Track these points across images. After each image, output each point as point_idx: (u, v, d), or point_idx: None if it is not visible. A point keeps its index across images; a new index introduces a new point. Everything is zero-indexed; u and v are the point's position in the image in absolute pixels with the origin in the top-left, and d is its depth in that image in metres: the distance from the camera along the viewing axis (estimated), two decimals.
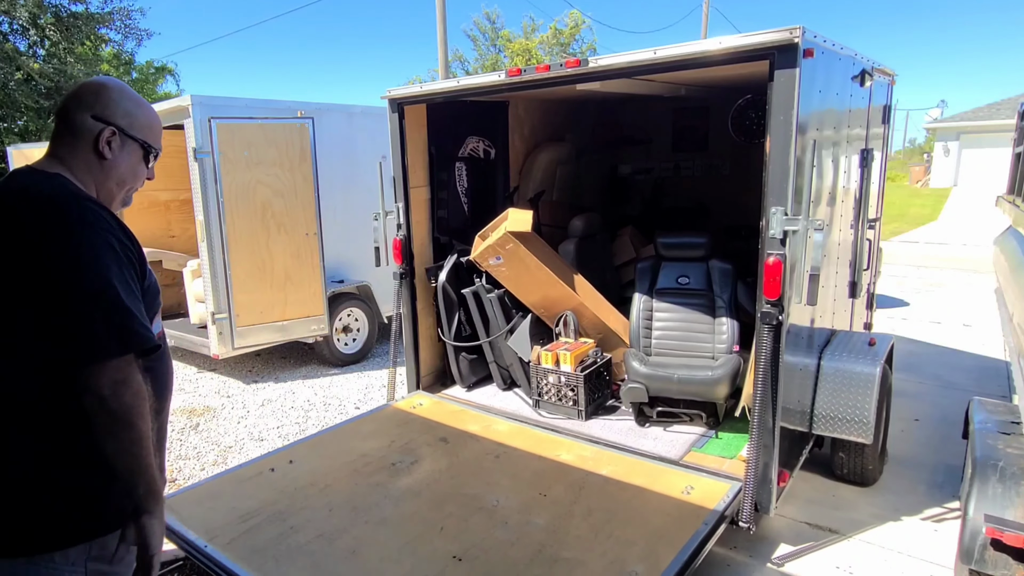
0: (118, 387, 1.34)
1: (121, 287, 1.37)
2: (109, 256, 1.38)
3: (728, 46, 2.78)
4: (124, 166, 1.58)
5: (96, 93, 1.54)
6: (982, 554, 2.22)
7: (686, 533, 2.72)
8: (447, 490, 3.15)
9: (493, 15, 30.03)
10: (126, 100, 1.57)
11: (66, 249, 1.35)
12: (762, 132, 2.99)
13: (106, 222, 1.43)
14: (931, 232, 15.36)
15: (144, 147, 1.61)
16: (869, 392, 3.22)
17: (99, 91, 1.54)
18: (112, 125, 1.53)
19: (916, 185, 29.10)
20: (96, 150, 1.53)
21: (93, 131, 1.51)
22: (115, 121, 1.53)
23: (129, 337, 1.36)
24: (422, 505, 3.02)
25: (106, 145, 1.52)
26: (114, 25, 13.53)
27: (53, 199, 1.40)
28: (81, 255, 1.35)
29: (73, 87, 1.59)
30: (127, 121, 1.56)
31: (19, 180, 1.47)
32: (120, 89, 1.58)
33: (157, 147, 1.64)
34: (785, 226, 2.74)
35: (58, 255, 1.34)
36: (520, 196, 5.39)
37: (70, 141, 1.52)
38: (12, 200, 1.41)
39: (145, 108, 1.61)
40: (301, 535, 2.76)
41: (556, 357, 4.02)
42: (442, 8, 14.06)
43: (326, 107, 6.14)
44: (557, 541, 2.70)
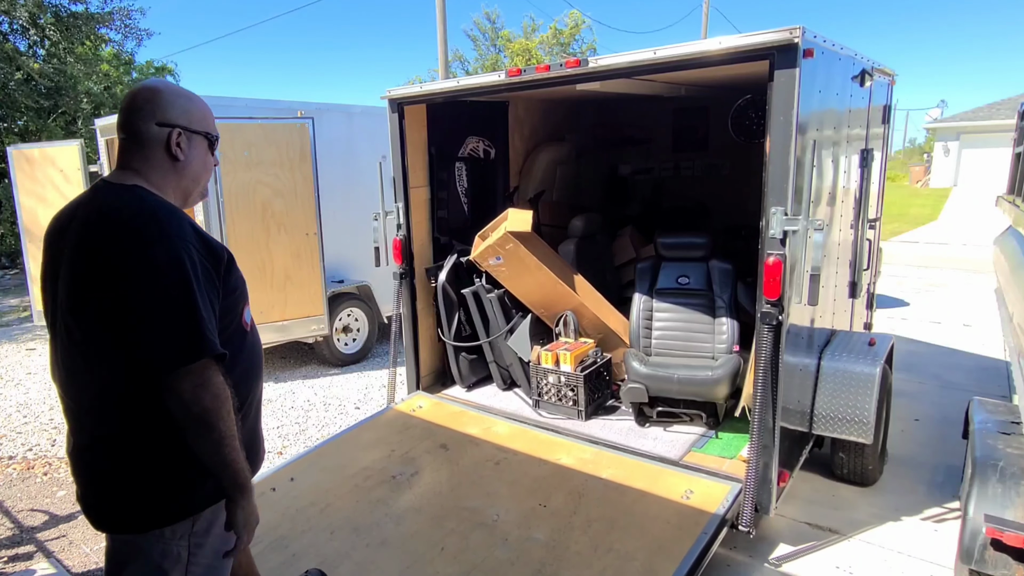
0: (197, 391, 1.43)
1: (197, 297, 1.46)
2: (184, 268, 1.45)
3: (728, 46, 2.78)
4: (196, 161, 1.67)
5: (151, 100, 1.59)
6: (982, 554, 2.22)
7: (686, 543, 2.72)
8: (448, 504, 3.14)
9: (493, 15, 30.04)
10: (179, 98, 1.63)
11: (144, 264, 1.43)
12: (762, 132, 2.99)
13: (181, 233, 1.49)
14: (931, 232, 15.35)
15: (207, 138, 1.69)
16: (869, 392, 3.22)
17: (153, 97, 1.60)
18: (176, 127, 1.60)
19: (916, 185, 29.10)
20: (169, 153, 1.60)
21: (161, 137, 1.59)
22: (177, 122, 1.60)
23: (204, 344, 1.44)
24: (423, 523, 3.01)
25: (177, 147, 1.61)
26: (114, 25, 13.52)
27: (132, 216, 1.48)
28: (158, 269, 1.43)
29: (126, 99, 1.62)
30: (187, 118, 1.62)
31: (99, 198, 1.55)
32: (171, 90, 1.64)
33: (216, 133, 1.72)
34: (785, 226, 2.74)
35: (136, 270, 1.43)
36: (520, 196, 5.39)
37: (140, 152, 1.59)
38: (94, 218, 1.50)
39: (196, 100, 1.67)
40: (303, 563, 2.73)
41: (556, 357, 4.02)
42: (442, 8, 14.05)
43: (326, 107, 6.14)
44: (557, 558, 2.70)
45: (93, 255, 1.46)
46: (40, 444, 4.66)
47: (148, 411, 1.49)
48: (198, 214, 5.37)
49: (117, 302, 1.43)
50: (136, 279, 1.42)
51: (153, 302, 1.43)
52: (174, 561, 1.59)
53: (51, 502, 3.82)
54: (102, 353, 1.48)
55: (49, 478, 4.14)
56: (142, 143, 1.58)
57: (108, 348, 1.47)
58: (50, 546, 3.35)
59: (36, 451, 4.55)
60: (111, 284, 1.43)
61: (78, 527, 3.53)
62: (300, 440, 4.61)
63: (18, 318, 8.64)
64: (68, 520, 3.61)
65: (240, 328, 1.67)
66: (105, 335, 1.46)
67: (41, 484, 4.06)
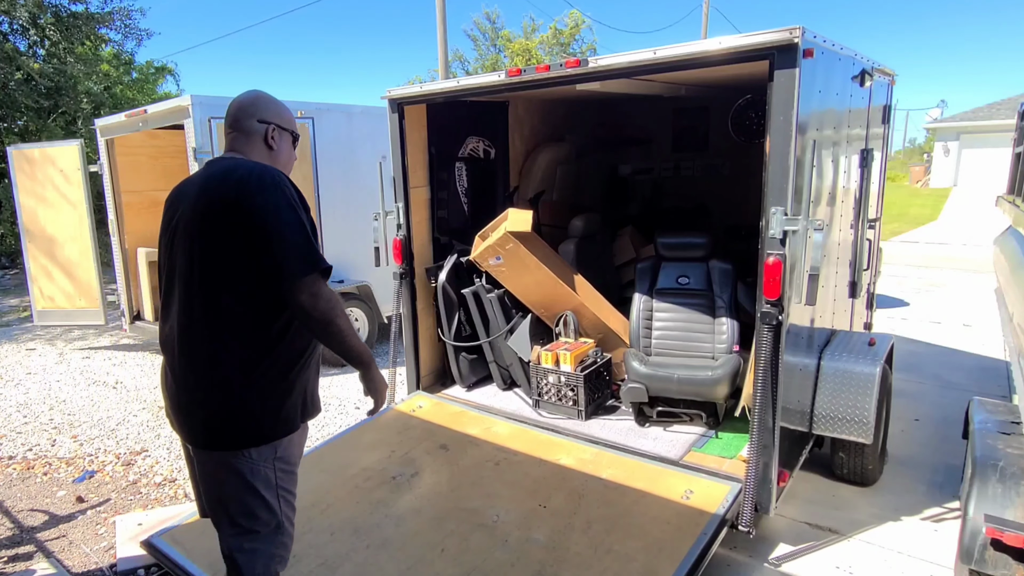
0: (314, 299, 1.84)
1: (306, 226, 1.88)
2: (295, 205, 1.88)
3: (728, 46, 2.78)
4: (285, 151, 2.15)
5: (253, 103, 2.09)
6: (982, 554, 2.22)
7: (686, 543, 2.72)
8: (448, 505, 3.14)
9: (493, 15, 30.04)
10: (273, 104, 2.12)
11: (266, 202, 1.84)
12: (762, 132, 2.99)
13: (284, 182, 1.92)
14: (931, 232, 15.35)
15: (292, 134, 2.17)
16: (869, 392, 3.22)
17: (255, 100, 2.09)
18: (271, 123, 2.08)
19: (916, 185, 29.09)
20: (266, 143, 2.08)
21: (260, 131, 2.07)
22: (272, 120, 2.09)
23: (315, 261, 1.86)
24: (423, 524, 3.01)
25: (271, 139, 2.09)
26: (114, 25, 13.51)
27: (250, 171, 1.90)
28: (279, 206, 1.84)
29: (234, 103, 2.08)
30: (279, 119, 2.11)
31: (217, 164, 1.99)
32: (267, 97, 2.13)
33: (297, 132, 2.20)
34: (785, 226, 2.73)
35: (262, 207, 1.83)
36: (520, 196, 5.39)
37: (246, 141, 2.06)
38: (221, 175, 1.91)
39: (283, 106, 2.16)
40: (303, 564, 2.74)
41: (556, 357, 4.02)
42: (442, 8, 14.05)
43: (326, 107, 6.14)
44: (556, 560, 2.70)
45: (224, 200, 1.85)
46: (40, 444, 4.66)
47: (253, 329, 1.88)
48: None
49: (248, 234, 1.82)
50: (262, 214, 1.82)
51: (276, 230, 1.82)
52: (264, 482, 1.95)
53: (51, 502, 3.82)
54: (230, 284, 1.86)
55: (49, 478, 4.14)
56: (247, 134, 2.06)
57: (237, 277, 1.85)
58: (50, 546, 3.35)
59: (36, 451, 4.55)
60: (243, 220, 1.82)
61: (78, 527, 3.53)
62: None
63: (18, 318, 8.64)
64: (68, 520, 3.61)
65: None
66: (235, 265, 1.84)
67: (41, 484, 4.06)
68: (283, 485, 2.02)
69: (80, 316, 6.96)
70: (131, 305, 6.87)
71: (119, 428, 4.91)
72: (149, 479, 4.09)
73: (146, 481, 4.07)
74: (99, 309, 6.83)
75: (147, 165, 7.02)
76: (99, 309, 6.83)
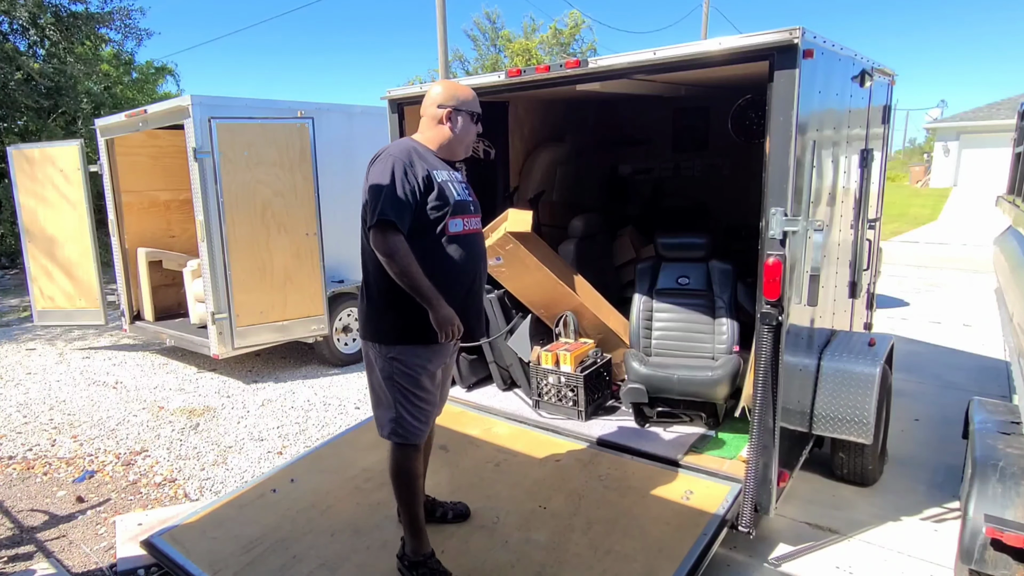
0: (377, 242, 2.39)
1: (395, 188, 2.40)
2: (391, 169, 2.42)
3: (728, 47, 2.78)
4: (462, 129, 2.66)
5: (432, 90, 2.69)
6: (982, 554, 2.22)
7: (686, 544, 2.72)
8: None
9: (493, 15, 30.04)
10: (452, 88, 2.68)
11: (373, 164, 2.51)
12: (762, 132, 2.98)
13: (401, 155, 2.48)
14: (931, 232, 15.36)
15: (471, 114, 2.67)
16: (869, 392, 3.22)
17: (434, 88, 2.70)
18: (447, 107, 2.62)
19: (916, 185, 29.09)
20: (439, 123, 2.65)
21: (439, 114, 2.64)
22: (448, 103, 2.63)
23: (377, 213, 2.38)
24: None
25: (447, 120, 2.63)
26: (114, 25, 13.49)
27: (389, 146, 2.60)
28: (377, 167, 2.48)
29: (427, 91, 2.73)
30: (455, 102, 2.62)
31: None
32: (448, 83, 2.73)
33: (478, 111, 2.70)
34: (785, 227, 2.73)
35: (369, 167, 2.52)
36: (520, 196, 5.39)
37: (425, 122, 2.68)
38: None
39: (463, 89, 2.67)
40: (304, 565, 2.74)
41: (556, 357, 4.02)
42: (442, 8, 14.05)
43: (326, 107, 6.14)
44: (556, 560, 2.70)
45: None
46: (40, 444, 4.66)
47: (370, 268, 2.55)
48: (198, 214, 5.38)
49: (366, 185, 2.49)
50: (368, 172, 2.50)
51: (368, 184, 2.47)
52: (384, 370, 2.57)
53: (51, 502, 3.82)
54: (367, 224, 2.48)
55: (49, 478, 4.14)
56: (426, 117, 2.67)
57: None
58: (50, 546, 3.35)
59: (36, 451, 4.55)
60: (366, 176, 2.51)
61: (78, 527, 3.53)
62: (300, 440, 4.61)
63: (18, 318, 8.64)
64: (68, 520, 3.61)
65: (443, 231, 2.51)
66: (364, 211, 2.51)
67: (41, 484, 4.06)
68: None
69: (80, 316, 6.95)
70: (131, 305, 6.87)
71: (119, 428, 4.91)
72: (149, 479, 4.09)
73: (146, 481, 4.07)
74: (99, 309, 6.83)
75: (147, 165, 7.03)
76: (99, 309, 6.83)
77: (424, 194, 2.46)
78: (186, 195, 6.16)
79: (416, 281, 2.39)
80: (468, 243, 2.60)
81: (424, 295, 2.41)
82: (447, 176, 2.58)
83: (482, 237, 2.74)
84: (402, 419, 2.59)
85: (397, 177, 2.41)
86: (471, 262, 2.61)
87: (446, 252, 2.52)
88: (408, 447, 2.63)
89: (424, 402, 2.61)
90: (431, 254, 2.48)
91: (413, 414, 2.59)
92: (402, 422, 2.59)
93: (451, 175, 2.63)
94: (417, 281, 2.39)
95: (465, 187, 2.69)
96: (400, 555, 2.69)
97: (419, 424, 2.61)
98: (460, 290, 2.56)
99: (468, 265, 2.59)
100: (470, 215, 2.63)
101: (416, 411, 2.59)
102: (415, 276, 2.39)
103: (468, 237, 2.60)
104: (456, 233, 2.55)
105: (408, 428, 2.60)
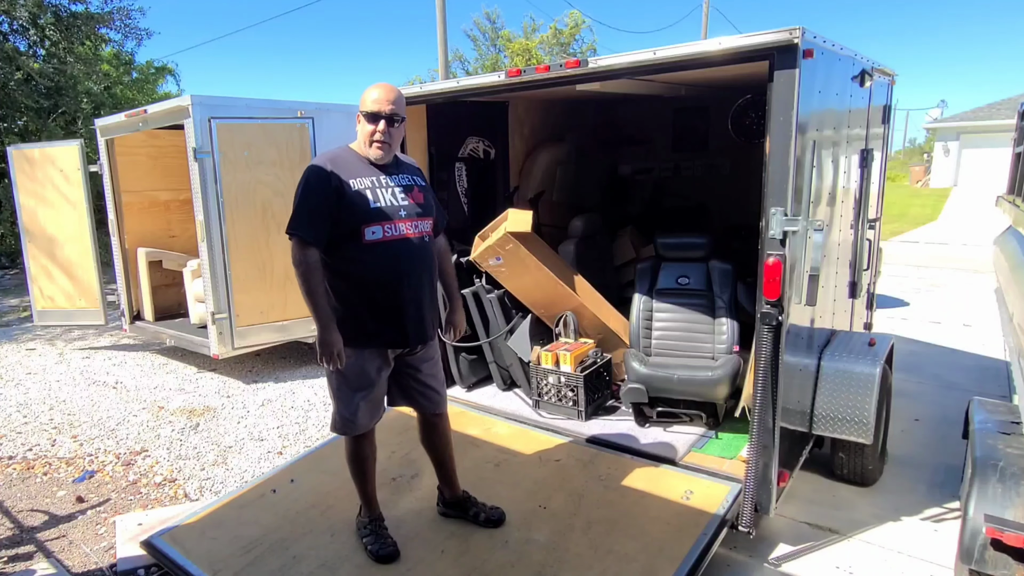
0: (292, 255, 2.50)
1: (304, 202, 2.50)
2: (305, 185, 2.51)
3: (728, 47, 2.78)
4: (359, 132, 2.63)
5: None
6: (982, 554, 2.22)
7: (686, 544, 2.72)
8: None
9: (493, 15, 30.02)
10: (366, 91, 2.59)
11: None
12: (762, 132, 2.99)
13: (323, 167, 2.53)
14: (931, 232, 15.35)
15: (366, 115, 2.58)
16: (869, 392, 3.22)
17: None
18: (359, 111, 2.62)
19: (916, 185, 29.08)
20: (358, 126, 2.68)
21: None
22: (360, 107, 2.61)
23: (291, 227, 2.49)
24: (423, 525, 3.01)
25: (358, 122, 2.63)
26: (114, 25, 13.47)
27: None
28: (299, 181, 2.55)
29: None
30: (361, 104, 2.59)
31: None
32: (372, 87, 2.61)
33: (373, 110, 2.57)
34: (785, 227, 2.73)
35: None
36: (520, 196, 5.39)
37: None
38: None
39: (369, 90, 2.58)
40: (304, 565, 2.74)
41: (556, 357, 4.02)
42: (442, 8, 14.05)
43: (326, 107, 6.13)
44: (556, 560, 2.70)
45: None
46: (40, 444, 4.66)
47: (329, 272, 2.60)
48: (198, 214, 5.38)
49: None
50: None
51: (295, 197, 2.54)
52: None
53: (51, 502, 3.82)
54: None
55: (49, 478, 4.14)
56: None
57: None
58: (50, 546, 3.35)
59: (36, 451, 4.55)
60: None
61: (78, 527, 3.53)
62: (300, 440, 4.61)
63: (18, 318, 8.64)
64: (68, 520, 3.61)
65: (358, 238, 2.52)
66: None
67: (41, 484, 4.06)
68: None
69: (80, 316, 6.96)
70: (131, 305, 6.87)
71: (119, 428, 4.91)
72: (149, 479, 4.09)
73: (146, 481, 4.07)
74: (99, 309, 6.83)
75: (147, 165, 7.03)
76: (99, 309, 6.83)
77: (337, 203, 2.49)
78: (186, 195, 6.15)
79: (313, 299, 2.49)
80: (389, 250, 2.58)
81: (316, 314, 2.50)
82: (370, 183, 2.56)
83: (415, 243, 2.64)
84: (337, 412, 2.76)
85: (306, 191, 2.49)
86: (394, 268, 2.59)
87: (363, 260, 2.55)
88: (351, 438, 2.79)
89: (354, 396, 2.71)
90: (350, 262, 2.55)
91: (345, 408, 2.73)
92: (337, 415, 2.77)
93: (378, 180, 2.59)
94: (314, 299, 2.49)
95: (404, 190, 2.64)
96: (358, 515, 2.97)
97: (350, 417, 2.73)
98: (383, 298, 2.59)
99: (389, 272, 2.58)
100: (397, 220, 2.58)
101: (345, 406, 2.72)
102: (313, 293, 2.48)
103: (390, 244, 2.57)
104: (373, 241, 2.54)
105: (342, 421, 2.75)
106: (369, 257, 2.55)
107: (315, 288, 2.48)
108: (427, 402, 2.93)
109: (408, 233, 2.61)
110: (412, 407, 2.98)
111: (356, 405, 2.72)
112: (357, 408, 2.72)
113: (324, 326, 2.51)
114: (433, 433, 3.01)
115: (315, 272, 2.48)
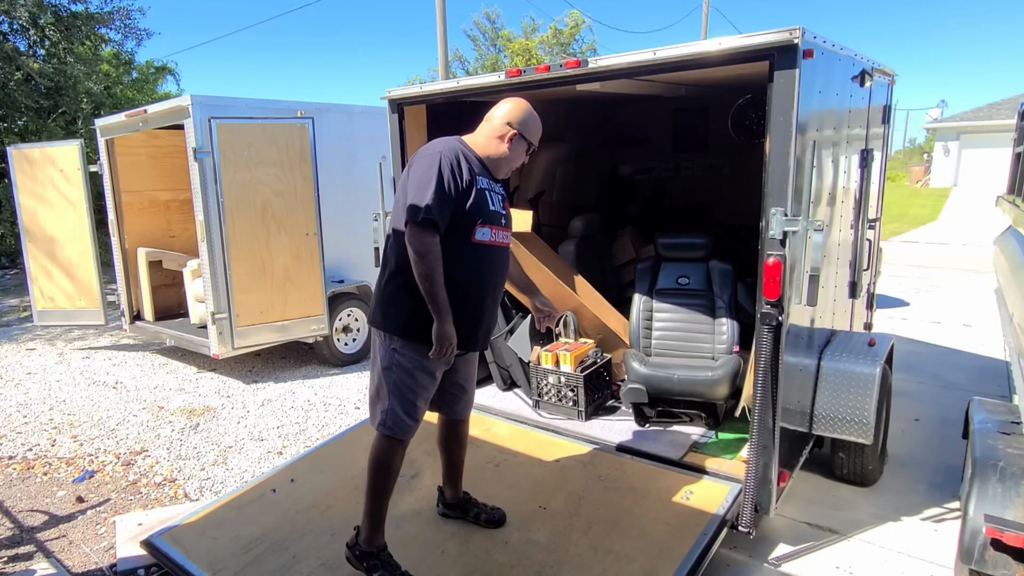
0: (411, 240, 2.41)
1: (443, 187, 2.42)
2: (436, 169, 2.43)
3: (728, 47, 2.78)
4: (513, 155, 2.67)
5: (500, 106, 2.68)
6: (982, 554, 2.22)
7: (686, 544, 2.72)
8: None
9: (493, 15, 30.02)
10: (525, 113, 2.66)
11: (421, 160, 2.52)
12: (762, 132, 2.98)
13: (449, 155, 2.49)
14: (931, 232, 15.35)
15: (528, 144, 2.69)
16: (869, 392, 3.22)
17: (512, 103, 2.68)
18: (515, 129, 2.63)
19: (916, 185, 29.09)
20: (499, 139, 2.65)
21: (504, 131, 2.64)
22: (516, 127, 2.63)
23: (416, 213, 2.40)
24: (423, 526, 3.01)
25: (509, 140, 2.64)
26: (114, 25, 13.46)
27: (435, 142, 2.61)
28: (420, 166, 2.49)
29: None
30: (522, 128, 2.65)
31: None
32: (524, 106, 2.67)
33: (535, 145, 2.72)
34: (785, 227, 2.73)
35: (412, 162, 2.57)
36: (520, 196, 5.39)
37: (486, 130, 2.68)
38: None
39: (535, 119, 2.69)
40: (303, 565, 2.74)
41: (556, 357, 4.02)
42: (442, 8, 14.05)
43: (326, 107, 6.14)
44: (556, 561, 2.70)
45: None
46: (40, 444, 4.66)
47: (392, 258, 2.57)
48: (198, 214, 5.38)
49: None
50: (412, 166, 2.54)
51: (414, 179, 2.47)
52: (384, 359, 2.59)
53: (51, 502, 3.82)
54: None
55: (49, 478, 4.14)
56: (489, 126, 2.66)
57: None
58: (50, 546, 3.35)
59: (36, 451, 4.55)
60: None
61: (78, 527, 3.53)
62: (300, 440, 4.61)
63: (18, 318, 8.64)
64: (68, 520, 3.61)
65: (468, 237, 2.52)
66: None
67: (41, 484, 4.06)
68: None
69: (80, 316, 6.95)
70: (131, 305, 6.87)
71: (119, 428, 4.91)
72: (149, 479, 4.09)
73: (146, 481, 4.07)
74: (99, 309, 6.83)
75: (147, 165, 7.02)
76: (99, 309, 6.83)
77: (463, 197, 2.48)
78: (186, 195, 6.16)
79: (435, 288, 2.40)
80: (490, 254, 2.61)
81: (436, 305, 2.42)
82: (487, 185, 2.60)
83: (507, 252, 2.73)
84: (393, 412, 2.59)
85: (445, 176, 2.42)
86: (490, 273, 2.63)
87: (465, 257, 2.52)
88: (394, 441, 2.62)
89: (418, 398, 2.62)
90: (449, 258, 2.47)
91: (405, 409, 2.59)
92: (392, 415, 2.59)
93: (491, 184, 2.64)
94: (436, 288, 2.41)
95: (502, 200, 2.70)
96: (351, 544, 2.67)
97: (408, 420, 2.61)
98: (474, 298, 2.58)
99: (486, 275, 2.61)
100: (499, 228, 2.64)
101: (407, 406, 2.59)
102: (436, 283, 2.40)
103: (492, 248, 2.61)
104: (481, 242, 2.55)
105: (397, 422, 2.60)
106: (472, 256, 2.54)
107: (440, 277, 2.40)
108: (457, 406, 2.89)
109: (503, 242, 2.67)
110: (439, 411, 2.91)
111: (417, 406, 2.63)
112: (416, 409, 2.63)
113: (446, 318, 2.44)
114: (452, 436, 2.98)
115: (440, 261, 2.41)
